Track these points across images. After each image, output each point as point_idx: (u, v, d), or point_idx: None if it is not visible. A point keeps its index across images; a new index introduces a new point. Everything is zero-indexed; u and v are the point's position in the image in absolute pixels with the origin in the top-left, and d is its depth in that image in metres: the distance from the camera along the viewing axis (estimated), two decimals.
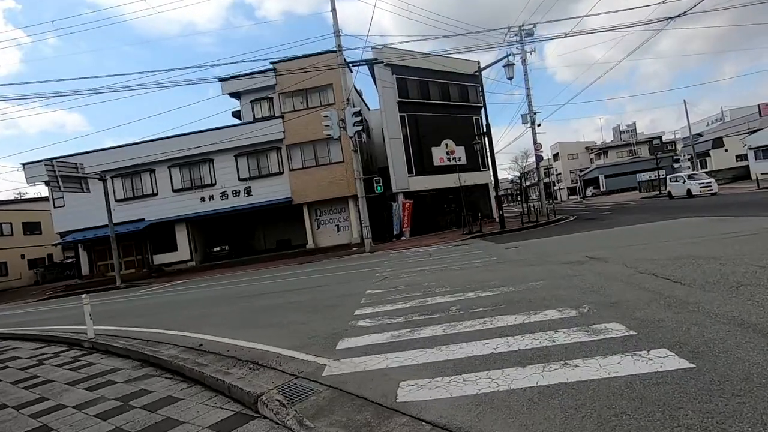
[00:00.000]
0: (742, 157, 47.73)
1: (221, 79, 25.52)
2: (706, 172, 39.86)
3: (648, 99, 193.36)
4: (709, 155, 49.76)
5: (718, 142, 49.19)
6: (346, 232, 26.38)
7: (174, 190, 26.39)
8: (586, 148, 73.00)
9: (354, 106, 18.85)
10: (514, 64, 22.55)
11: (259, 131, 25.29)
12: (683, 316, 4.26)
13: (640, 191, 48.54)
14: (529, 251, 11.61)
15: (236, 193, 25.99)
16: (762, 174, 35.44)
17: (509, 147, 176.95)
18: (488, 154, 22.77)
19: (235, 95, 26.47)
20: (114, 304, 14.63)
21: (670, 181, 30.70)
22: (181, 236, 26.58)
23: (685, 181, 28.56)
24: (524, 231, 21.30)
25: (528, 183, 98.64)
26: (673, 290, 5.24)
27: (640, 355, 3.52)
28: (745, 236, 8.54)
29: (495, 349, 4.18)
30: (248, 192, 25.90)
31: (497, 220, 30.83)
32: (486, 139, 22.59)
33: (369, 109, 37.44)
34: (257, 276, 16.93)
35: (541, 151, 32.21)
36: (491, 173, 23.66)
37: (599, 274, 6.83)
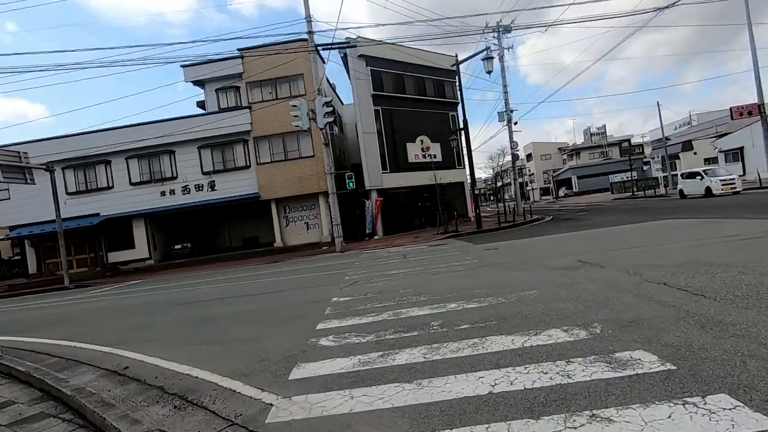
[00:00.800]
0: (710, 160, 48.61)
1: (184, 65, 23.95)
2: (674, 175, 40.26)
3: (615, 103, 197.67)
4: (678, 158, 50.52)
5: (687, 145, 49.97)
6: (316, 230, 25.19)
7: (132, 184, 24.65)
8: (559, 149, 73.57)
9: (325, 97, 17.71)
10: (493, 57, 21.78)
11: (225, 122, 23.84)
12: (728, 344, 3.36)
13: (613, 192, 48.92)
14: (512, 253, 10.75)
15: (199, 188, 24.46)
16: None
17: (484, 146, 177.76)
18: (465, 151, 21.95)
19: (199, 83, 24.90)
20: (52, 308, 13.12)
21: (683, 178, 27.50)
22: (139, 233, 24.87)
23: (703, 177, 24.99)
24: (501, 231, 20.60)
25: (501, 183, 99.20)
26: (699, 306, 4.37)
27: (694, 404, 2.58)
28: (749, 239, 7.84)
29: (493, 386, 3.20)
30: (212, 186, 24.41)
31: (472, 219, 30.21)
32: (463, 135, 21.75)
33: (342, 104, 36.29)
34: (217, 277, 15.63)
35: (518, 150, 31.70)
36: (467, 171, 22.87)
37: (600, 283, 5.96)
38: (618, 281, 5.90)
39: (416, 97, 28.23)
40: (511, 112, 30.56)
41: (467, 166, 22.15)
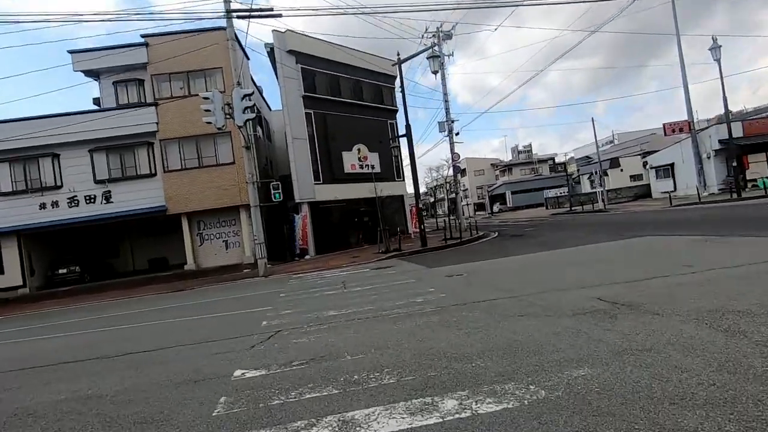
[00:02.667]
0: (635, 177, 50.16)
1: (72, 51, 19.76)
2: (607, 191, 40.68)
3: (537, 125, 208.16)
4: (606, 174, 51.79)
5: (615, 162, 51.26)
6: (237, 249, 21.61)
7: (1, 194, 19.83)
8: (492, 164, 74.11)
9: (245, 89, 14.57)
10: (439, 56, 19.72)
11: (125, 120, 19.89)
12: None
13: (547, 207, 48.97)
14: (487, 283, 8.24)
15: (90, 199, 20.13)
16: (662, 192, 36.60)
17: (421, 159, 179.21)
18: (408, 158, 19.61)
19: (92, 74, 20.73)
20: None
21: None
22: (10, 254, 20.01)
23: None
24: (449, 249, 18.34)
25: (433, 198, 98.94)
26: None
27: None
28: None
29: None
30: (107, 198, 20.18)
31: (413, 236, 27.92)
32: (407, 141, 19.39)
33: (270, 110, 33.05)
34: (93, 315, 11.87)
35: (460, 162, 30.01)
36: (410, 182, 20.48)
37: (689, 349, 3.47)
38: (720, 346, 3.45)
39: (353, 101, 25.65)
40: (453, 122, 28.89)
41: (410, 177, 19.79)
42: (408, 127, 19.66)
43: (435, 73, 19.55)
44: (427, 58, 19.41)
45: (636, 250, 10.14)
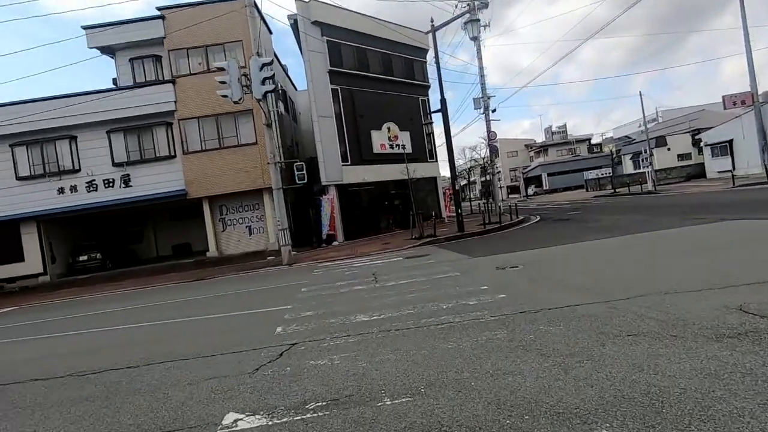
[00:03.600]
0: (683, 156, 46.84)
1: (86, 27, 18.71)
2: (656, 171, 37.92)
3: (569, 105, 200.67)
4: (652, 154, 48.54)
5: (661, 141, 47.93)
6: (261, 235, 20.43)
7: (19, 178, 19.11)
8: (526, 145, 71.11)
9: (264, 58, 13.09)
10: (478, 20, 17.79)
11: (142, 99, 18.81)
12: None
13: (587, 189, 46.30)
14: (552, 279, 6.62)
15: (109, 183, 19.23)
16: (719, 172, 33.67)
17: (455, 138, 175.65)
18: (442, 137, 17.90)
19: (108, 51, 19.67)
20: None
21: None
22: (30, 241, 19.36)
23: None
24: (489, 235, 16.67)
25: (466, 181, 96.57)
26: None
27: None
28: None
29: None
30: (126, 182, 19.24)
31: (446, 220, 26.25)
32: (442, 117, 17.66)
33: (296, 90, 31.65)
34: (107, 308, 10.81)
35: (497, 141, 28.03)
36: (443, 164, 18.75)
37: None
38: None
39: (382, 76, 23.95)
40: (489, 98, 26.87)
41: (444, 158, 18.09)
42: (443, 101, 17.90)
43: (474, 39, 17.65)
44: (464, 23, 17.54)
45: (740, 238, 8.28)
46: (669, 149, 47.86)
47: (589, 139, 72.48)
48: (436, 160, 27.43)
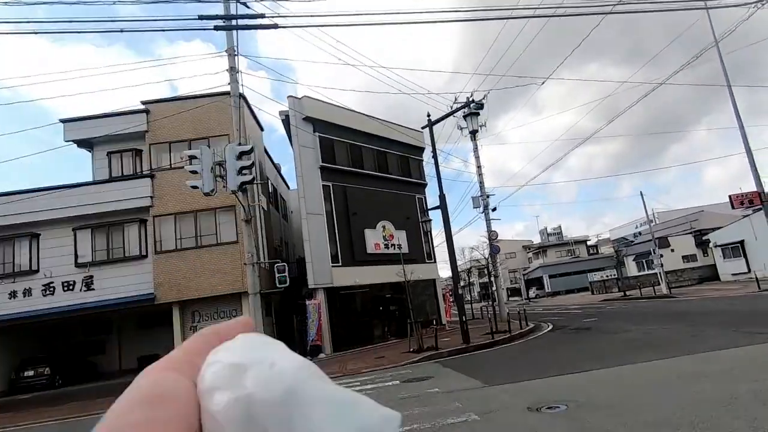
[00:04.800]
0: (688, 258, 45.35)
1: (64, 120, 17.81)
2: (666, 273, 36.09)
3: (560, 208, 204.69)
4: (662, 255, 47.09)
5: (663, 242, 46.70)
6: None
7: None
8: (524, 246, 69.92)
9: (244, 145, 11.69)
10: (478, 112, 16.98)
11: (117, 194, 17.38)
12: None
13: (593, 292, 44.04)
14: None
15: (68, 286, 17.09)
16: (733, 274, 31.86)
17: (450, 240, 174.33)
18: (438, 237, 16.27)
19: (85, 144, 18.62)
20: None
21: None
22: None
23: None
24: (500, 348, 14.36)
25: (464, 283, 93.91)
26: None
27: None
28: None
29: None
30: (88, 284, 17.11)
31: (447, 326, 23.75)
32: (441, 213, 16.17)
33: (289, 189, 30.80)
34: None
35: (497, 241, 26.43)
36: (446, 263, 16.89)
37: None
38: None
39: (377, 174, 22.95)
40: (488, 197, 25.78)
41: (446, 255, 16.30)
42: (442, 197, 16.52)
43: (473, 133, 16.79)
44: (464, 117, 16.79)
45: None
46: (673, 250, 46.53)
47: (587, 241, 71.67)
48: (435, 261, 25.62)
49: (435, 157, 16.95)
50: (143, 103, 18.14)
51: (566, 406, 5.86)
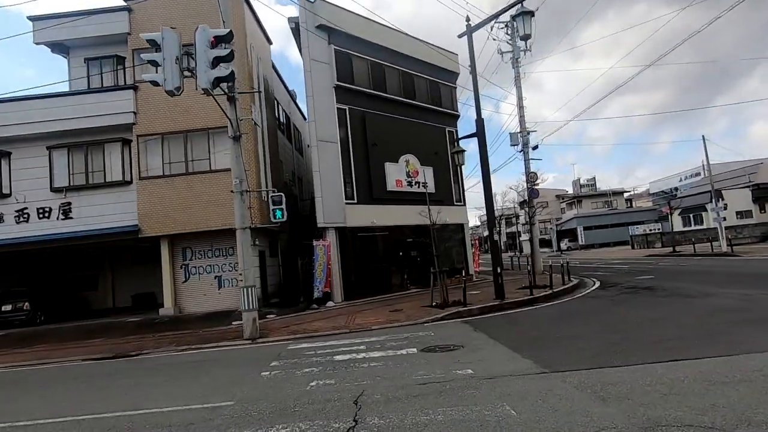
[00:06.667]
0: (743, 213, 41.29)
1: (32, 18, 15.03)
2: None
3: (592, 161, 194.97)
4: (705, 209, 42.95)
5: (716, 196, 42.56)
6: (233, 289, 15.63)
7: None
8: (557, 196, 65.90)
9: (224, 30, 8.71)
10: (532, 12, 13.43)
11: (95, 108, 14.81)
12: None
13: (634, 246, 40.62)
14: None
15: (44, 213, 14.98)
16: None
17: (479, 186, 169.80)
18: (480, 168, 13.32)
19: (60, 48, 15.92)
20: None
21: None
22: None
23: None
24: (542, 308, 11.73)
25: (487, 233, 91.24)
26: None
27: None
28: None
29: None
30: (65, 212, 14.97)
31: (474, 277, 21.19)
32: (478, 142, 13.12)
33: (306, 120, 27.77)
34: None
35: (537, 183, 23.20)
36: (484, 205, 14.00)
37: None
38: None
39: (402, 99, 19.73)
40: (528, 133, 22.32)
41: (472, 200, 13.38)
42: (480, 122, 13.39)
43: (525, 39, 13.34)
44: (512, 18, 13.25)
45: None
46: (726, 206, 42.37)
47: (626, 192, 67.21)
48: (464, 204, 22.71)
49: (474, 71, 13.65)
50: (125, 0, 15.14)
51: None
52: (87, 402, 6.07)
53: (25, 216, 14.97)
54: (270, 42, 19.79)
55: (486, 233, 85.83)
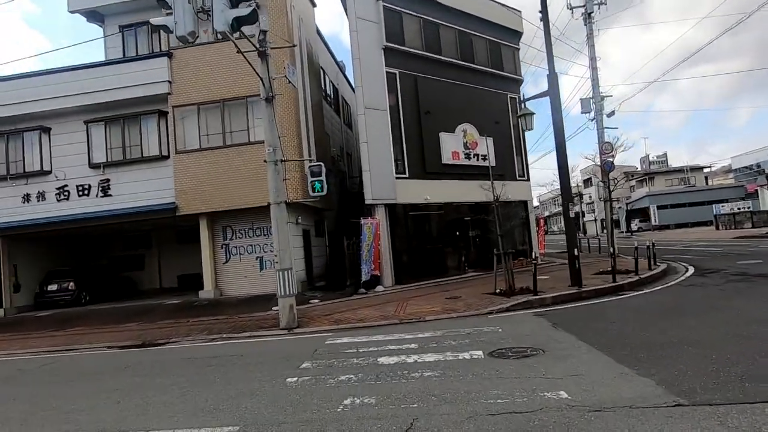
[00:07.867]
0: None
1: None
2: None
3: (661, 137, 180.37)
4: None
5: None
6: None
7: None
8: (625, 173, 60.84)
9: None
10: None
11: (129, 78, 13.95)
12: None
13: (718, 227, 36.52)
14: None
15: (84, 191, 14.44)
16: None
17: (542, 161, 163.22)
18: (554, 133, 11.29)
19: (95, 17, 15.18)
20: None
21: None
22: None
23: None
24: (632, 297, 9.75)
25: (547, 213, 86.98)
26: None
27: None
28: None
29: None
30: (104, 189, 14.35)
31: (539, 260, 19.06)
32: (550, 102, 11.11)
33: (354, 91, 26.26)
34: None
35: (612, 155, 20.53)
36: (559, 178, 12.00)
37: None
38: None
39: (459, 62, 17.73)
40: (602, 99, 19.59)
41: (557, 163, 11.40)
42: (553, 76, 11.31)
43: None
44: None
45: None
46: None
47: (705, 168, 61.26)
48: (528, 179, 20.51)
49: (545, 19, 11.54)
50: None
51: None
52: (64, 413, 4.92)
53: (66, 193, 14.49)
54: (314, 4, 18.28)
55: (547, 213, 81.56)
